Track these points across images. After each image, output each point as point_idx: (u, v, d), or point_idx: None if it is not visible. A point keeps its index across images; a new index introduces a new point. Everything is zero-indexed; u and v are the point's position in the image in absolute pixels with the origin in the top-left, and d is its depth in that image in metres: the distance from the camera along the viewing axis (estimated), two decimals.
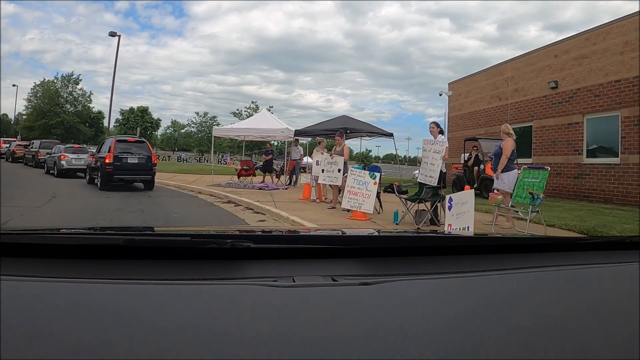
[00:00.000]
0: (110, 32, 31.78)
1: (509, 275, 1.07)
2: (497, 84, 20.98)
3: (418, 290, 0.93)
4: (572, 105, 16.30)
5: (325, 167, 10.58)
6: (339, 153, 10.54)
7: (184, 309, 0.75)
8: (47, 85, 60.26)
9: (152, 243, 1.13)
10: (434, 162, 7.89)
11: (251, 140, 22.67)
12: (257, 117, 18.94)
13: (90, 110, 64.08)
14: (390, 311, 0.79)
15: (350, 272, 1.02)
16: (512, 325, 0.76)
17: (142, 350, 0.61)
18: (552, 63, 17.54)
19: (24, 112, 63.96)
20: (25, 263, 0.97)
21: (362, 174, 8.66)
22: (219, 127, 20.77)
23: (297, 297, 0.84)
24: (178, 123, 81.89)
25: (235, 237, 1.22)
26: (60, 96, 59.73)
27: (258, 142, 28.18)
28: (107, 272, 0.95)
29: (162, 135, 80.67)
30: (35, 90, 60.82)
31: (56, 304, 0.76)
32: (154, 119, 72.20)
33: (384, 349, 0.64)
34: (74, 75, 61.88)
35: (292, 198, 12.64)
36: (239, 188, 15.55)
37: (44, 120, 57.49)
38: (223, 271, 1.01)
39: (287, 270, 1.00)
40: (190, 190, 15.77)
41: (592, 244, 1.51)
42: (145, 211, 10.10)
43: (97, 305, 0.75)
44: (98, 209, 10.14)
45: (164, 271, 0.99)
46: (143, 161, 14.70)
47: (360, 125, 15.32)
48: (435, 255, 1.23)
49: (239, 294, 0.85)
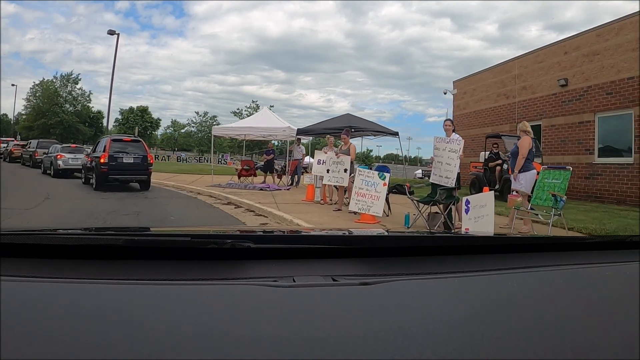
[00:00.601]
0: (109, 30, 31.40)
1: (508, 275, 1.06)
2: (504, 82, 20.51)
3: (418, 290, 0.92)
4: (582, 103, 15.83)
5: (330, 167, 10.00)
6: (345, 152, 10.00)
7: (184, 310, 0.75)
8: (46, 84, 59.89)
9: (152, 243, 1.12)
10: (449, 161, 7.40)
11: (252, 139, 22.13)
12: (258, 116, 18.31)
13: (90, 110, 63.64)
14: (390, 311, 0.79)
15: (350, 272, 1.01)
16: (512, 325, 0.76)
17: (142, 350, 0.61)
18: (561, 60, 17.08)
19: (23, 112, 63.72)
20: (23, 263, 0.96)
21: (370, 174, 8.17)
22: (219, 126, 20.15)
23: (298, 297, 0.83)
24: (178, 123, 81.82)
25: (236, 237, 1.21)
26: (60, 96, 59.38)
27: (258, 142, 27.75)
28: (107, 273, 0.94)
29: (162, 135, 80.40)
30: (35, 90, 60.47)
31: (55, 305, 0.75)
32: (153, 119, 72.02)
33: (384, 349, 0.63)
34: (73, 75, 61.62)
35: (295, 199, 12.13)
36: (239, 189, 15.01)
37: (42, 120, 57.18)
38: (223, 271, 1.01)
39: (287, 270, 0.99)
40: (189, 191, 15.24)
41: (592, 244, 1.52)
42: (141, 213, 9.65)
43: (96, 305, 0.75)
44: (91, 211, 9.66)
45: (164, 271, 0.98)
46: (139, 161, 14.28)
47: (364, 124, 14.85)
48: (435, 255, 1.22)
49: (239, 294, 0.84)
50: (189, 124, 78.56)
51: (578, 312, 0.85)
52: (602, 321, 0.81)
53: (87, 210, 9.89)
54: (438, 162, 7.62)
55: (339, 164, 9.81)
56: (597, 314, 0.85)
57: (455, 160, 7.38)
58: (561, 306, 0.87)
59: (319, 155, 11.75)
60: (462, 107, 23.74)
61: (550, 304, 0.89)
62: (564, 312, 0.84)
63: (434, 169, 7.80)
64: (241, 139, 20.32)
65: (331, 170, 9.95)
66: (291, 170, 16.68)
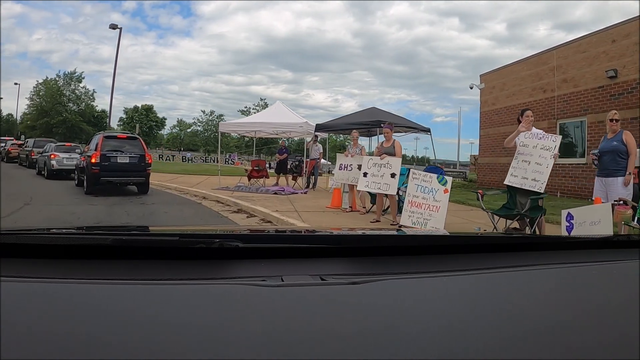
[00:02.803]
0: (111, 24, 29.91)
1: (498, 274, 1.06)
2: (541, 74, 18.63)
3: (407, 290, 0.92)
4: (635, 97, 14.02)
5: (370, 170, 7.86)
6: (390, 151, 7.88)
7: (171, 309, 0.74)
8: (49, 83, 59.35)
9: (140, 243, 1.10)
10: (540, 161, 5.58)
11: (263, 137, 20.17)
12: (271, 110, 16.23)
13: (94, 109, 62.78)
14: (379, 310, 0.79)
15: (339, 272, 1.00)
16: (502, 323, 0.77)
17: (131, 350, 0.61)
18: (609, 49, 15.23)
19: (27, 112, 63.02)
20: (10, 264, 0.93)
21: (428, 178, 6.30)
22: (227, 121, 18.18)
23: (286, 297, 0.83)
24: (184, 122, 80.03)
25: (224, 237, 1.19)
26: (63, 94, 59.01)
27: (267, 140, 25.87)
28: (95, 273, 0.92)
29: (168, 135, 79.03)
30: (38, 88, 59.98)
31: (44, 305, 0.74)
32: (158, 118, 70.87)
33: (372, 349, 0.63)
34: (76, 73, 61.18)
35: (318, 206, 10.26)
36: (250, 192, 13.19)
37: (45, 119, 56.69)
38: (211, 271, 0.99)
39: (275, 270, 0.97)
40: (194, 194, 13.40)
41: (577, 243, 1.52)
42: (132, 225, 7.81)
43: (84, 305, 0.75)
44: (71, 220, 7.94)
45: (153, 271, 0.97)
46: (135, 161, 12.40)
47: (393, 118, 12.94)
48: (424, 255, 1.21)
49: (228, 293, 0.84)
50: (195, 123, 77.32)
51: (567, 311, 0.85)
52: (600, 320, 0.81)
53: (67, 219, 8.26)
54: (524, 161, 5.76)
55: (384, 167, 7.68)
56: (595, 313, 0.85)
57: (548, 160, 5.59)
58: (551, 305, 0.87)
59: (341, 160, 9.82)
60: (490, 102, 21.81)
61: (540, 303, 0.88)
62: (552, 311, 0.84)
63: (514, 170, 5.91)
64: (251, 136, 18.32)
65: (371, 174, 7.83)
66: (308, 170, 14.69)
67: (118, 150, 12.35)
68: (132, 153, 12.42)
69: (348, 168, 9.32)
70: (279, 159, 15.84)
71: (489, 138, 21.60)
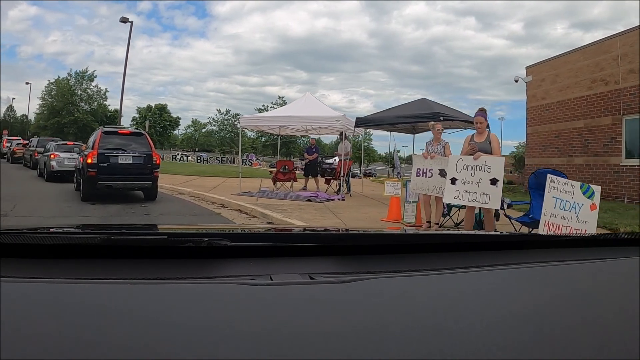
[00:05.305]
0: (121, 17, 28.28)
1: (489, 272, 1.04)
2: (602, 65, 16.29)
3: (396, 288, 0.91)
4: None
5: (461, 175, 5.67)
6: (485, 148, 5.72)
7: (160, 308, 0.74)
8: (60, 82, 58.30)
9: (129, 242, 1.08)
10: None
11: (289, 134, 17.96)
12: (299, 103, 13.84)
13: (106, 109, 61.39)
14: (368, 309, 0.78)
15: (328, 270, 0.99)
16: (492, 322, 0.76)
17: (120, 348, 0.60)
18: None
19: (38, 112, 62.30)
20: (7, 263, 0.92)
21: (569, 188, 4.13)
22: (248, 115, 15.94)
23: (275, 296, 0.82)
24: (198, 122, 78.15)
25: (213, 236, 1.14)
26: (74, 94, 57.95)
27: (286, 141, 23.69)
28: (84, 272, 0.91)
29: (183, 135, 77.39)
30: (50, 88, 58.99)
31: (36, 305, 0.73)
32: (172, 117, 69.22)
33: (361, 347, 0.63)
34: (88, 72, 59.98)
35: (369, 217, 8.10)
36: (277, 199, 11.05)
37: (56, 118, 55.70)
38: (200, 270, 0.97)
39: (265, 269, 0.96)
40: (210, 201, 11.27)
41: (572, 241, 1.50)
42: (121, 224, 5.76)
43: (74, 304, 0.74)
44: None
45: (141, 270, 0.95)
46: (140, 161, 10.25)
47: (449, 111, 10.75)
48: (414, 253, 1.19)
49: (216, 292, 0.83)
50: (210, 123, 75.37)
51: (555, 308, 0.84)
52: (597, 318, 0.80)
53: None
54: None
55: (480, 170, 5.47)
56: (593, 311, 0.84)
57: None
58: (538, 302, 0.86)
59: (418, 163, 7.27)
60: (539, 96, 19.48)
61: (528, 300, 0.88)
62: (540, 308, 0.83)
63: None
64: (275, 133, 16.13)
65: (462, 181, 5.63)
66: (345, 172, 12.41)
67: (119, 148, 10.25)
68: (136, 152, 10.29)
69: (427, 174, 6.95)
70: (309, 159, 13.69)
71: (537, 136, 19.33)
